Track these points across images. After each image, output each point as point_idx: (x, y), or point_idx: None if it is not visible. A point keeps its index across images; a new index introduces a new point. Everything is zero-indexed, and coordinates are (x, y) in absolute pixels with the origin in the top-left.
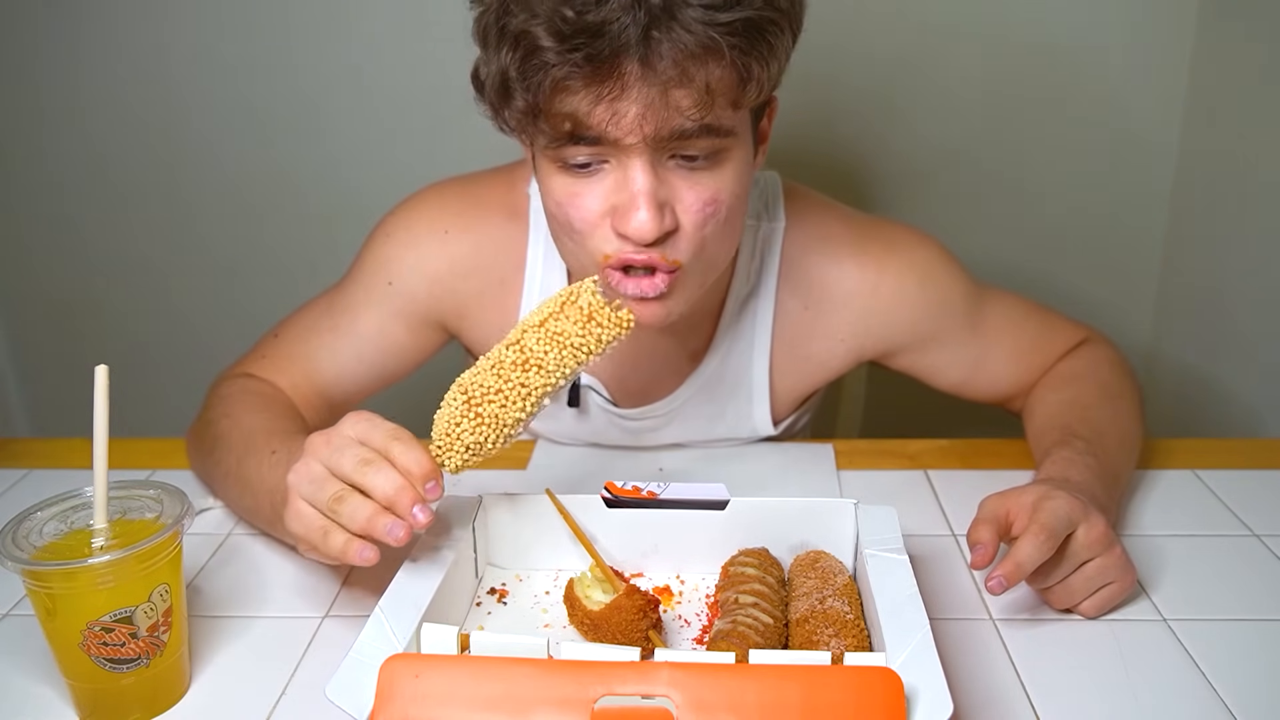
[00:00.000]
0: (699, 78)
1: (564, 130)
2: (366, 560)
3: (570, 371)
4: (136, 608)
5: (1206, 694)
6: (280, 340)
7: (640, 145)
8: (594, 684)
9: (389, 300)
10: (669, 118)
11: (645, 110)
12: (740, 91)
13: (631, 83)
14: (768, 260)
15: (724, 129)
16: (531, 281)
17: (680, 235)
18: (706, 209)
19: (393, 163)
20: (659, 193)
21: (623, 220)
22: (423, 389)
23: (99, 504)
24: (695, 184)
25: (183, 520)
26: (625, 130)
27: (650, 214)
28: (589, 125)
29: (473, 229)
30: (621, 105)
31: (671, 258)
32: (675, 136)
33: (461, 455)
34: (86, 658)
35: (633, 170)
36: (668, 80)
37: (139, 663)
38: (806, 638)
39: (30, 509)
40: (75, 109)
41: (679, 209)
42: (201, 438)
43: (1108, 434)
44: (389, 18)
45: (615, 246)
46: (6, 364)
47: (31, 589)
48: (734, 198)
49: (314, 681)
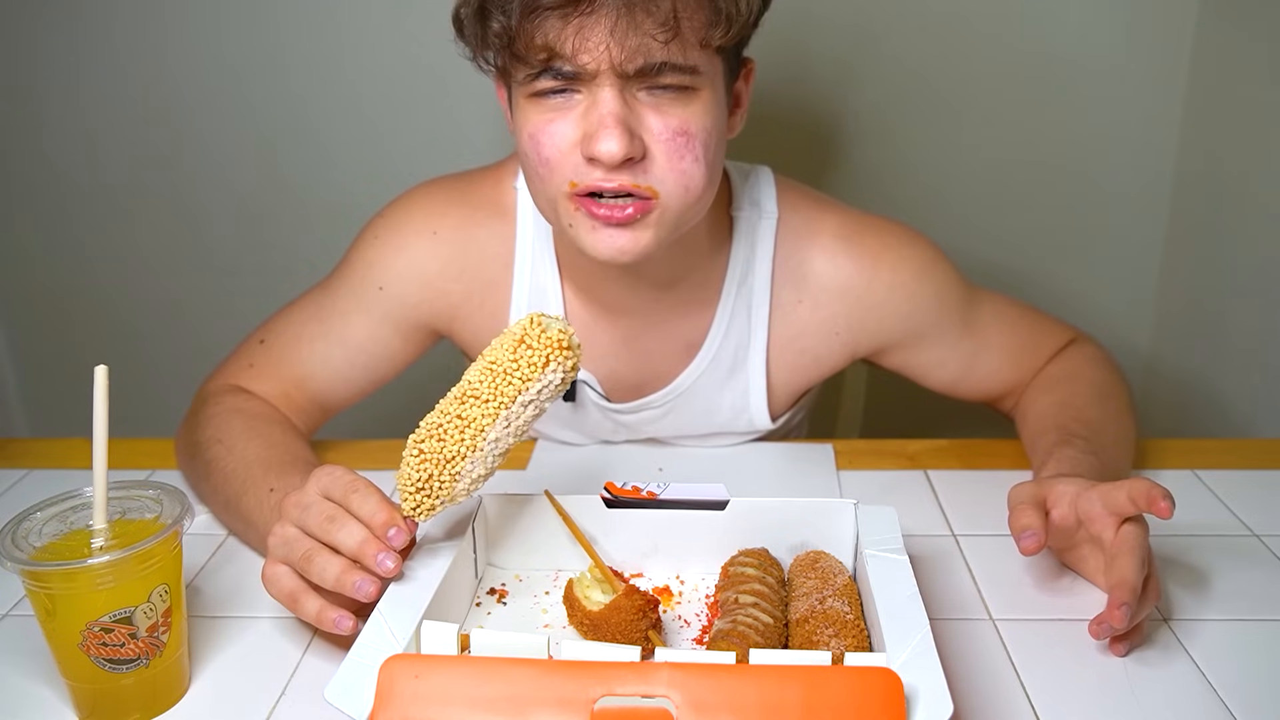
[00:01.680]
0: (665, 3)
1: (539, 60)
2: (344, 629)
3: (513, 401)
4: (136, 608)
5: (1206, 694)
6: (268, 347)
7: (609, 73)
8: (594, 684)
9: (380, 305)
10: (637, 43)
11: (612, 31)
12: (709, 28)
13: (601, 6)
14: (760, 252)
15: (690, 66)
16: (520, 280)
17: (651, 163)
18: (677, 138)
19: (391, 162)
20: (627, 118)
21: (590, 143)
22: (411, 391)
23: (99, 504)
24: (663, 113)
25: (182, 520)
26: (594, 54)
27: (619, 134)
28: (560, 51)
29: (461, 228)
30: (589, 27)
31: (645, 184)
32: (642, 71)
33: (414, 497)
34: (86, 658)
35: (601, 95)
36: (634, 4)
37: (138, 663)
38: (806, 638)
39: (29, 509)
40: (74, 109)
41: (647, 137)
42: (194, 458)
43: (1104, 432)
44: (385, 19)
45: (581, 174)
46: (6, 364)
47: (31, 589)
48: (705, 133)
49: (314, 681)
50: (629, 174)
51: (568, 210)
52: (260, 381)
